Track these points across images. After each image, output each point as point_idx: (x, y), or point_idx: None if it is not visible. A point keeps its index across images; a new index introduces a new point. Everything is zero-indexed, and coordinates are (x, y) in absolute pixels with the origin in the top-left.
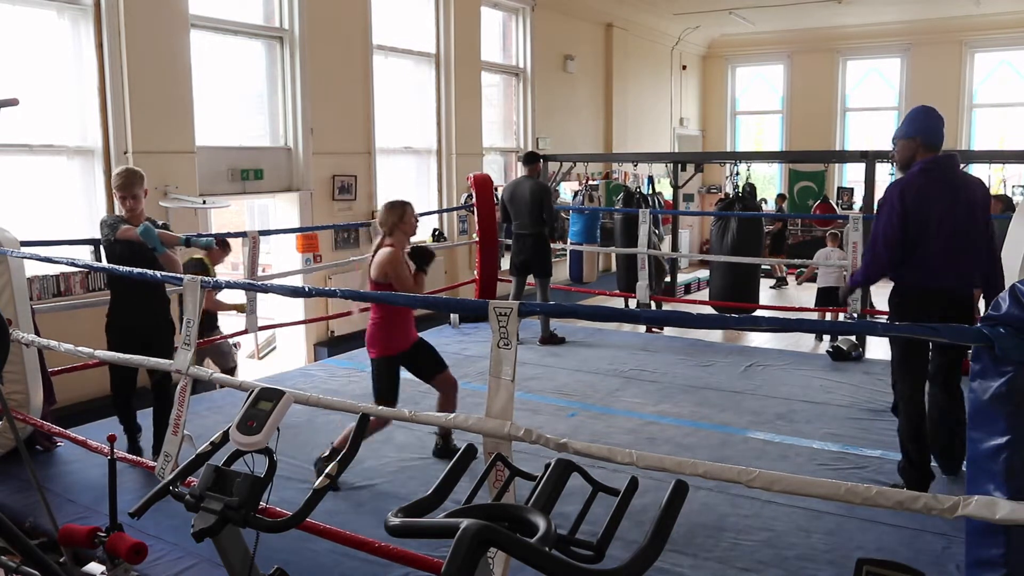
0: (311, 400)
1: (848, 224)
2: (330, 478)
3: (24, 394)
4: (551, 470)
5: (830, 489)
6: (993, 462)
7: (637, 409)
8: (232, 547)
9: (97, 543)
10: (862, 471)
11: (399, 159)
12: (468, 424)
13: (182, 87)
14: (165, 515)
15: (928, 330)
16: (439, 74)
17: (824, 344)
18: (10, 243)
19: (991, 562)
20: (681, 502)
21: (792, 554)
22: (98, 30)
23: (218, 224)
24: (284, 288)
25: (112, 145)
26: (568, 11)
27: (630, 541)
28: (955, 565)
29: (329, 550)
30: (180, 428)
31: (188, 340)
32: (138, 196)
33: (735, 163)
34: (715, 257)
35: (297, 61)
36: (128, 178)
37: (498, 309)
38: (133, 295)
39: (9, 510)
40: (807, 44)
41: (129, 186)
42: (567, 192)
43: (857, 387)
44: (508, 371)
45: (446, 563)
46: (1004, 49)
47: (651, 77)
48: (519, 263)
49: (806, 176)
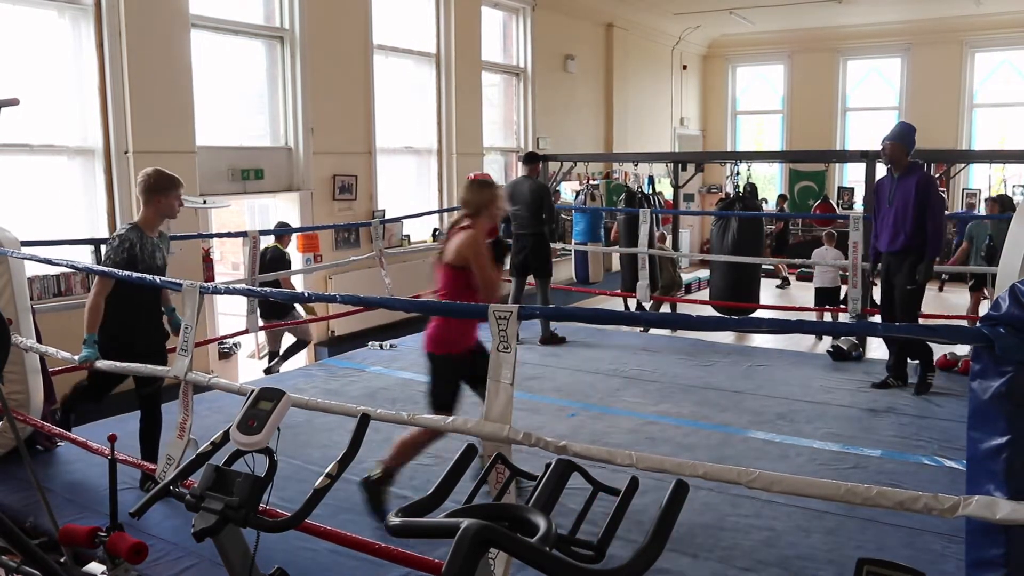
0: (309, 404)
1: (849, 224)
2: (331, 478)
3: (24, 394)
4: (551, 470)
5: (830, 489)
6: (993, 462)
7: (637, 409)
8: (232, 547)
9: (98, 543)
10: (862, 471)
11: (399, 159)
12: (467, 427)
13: (182, 87)
14: (165, 515)
15: (926, 330)
16: (439, 74)
17: (824, 344)
18: (10, 243)
19: (991, 562)
20: (681, 502)
21: (792, 554)
22: (98, 30)
23: (219, 224)
24: (283, 294)
25: (112, 145)
26: (568, 11)
27: (630, 541)
28: (955, 565)
29: (329, 550)
30: (186, 432)
31: (185, 346)
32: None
33: (735, 163)
34: (715, 257)
35: (297, 61)
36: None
37: (498, 313)
38: (135, 313)
39: (9, 510)
40: (807, 44)
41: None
42: (568, 192)
43: (857, 387)
44: (507, 374)
45: (446, 563)
46: (1004, 49)
47: (651, 77)
48: (519, 263)
49: (806, 176)
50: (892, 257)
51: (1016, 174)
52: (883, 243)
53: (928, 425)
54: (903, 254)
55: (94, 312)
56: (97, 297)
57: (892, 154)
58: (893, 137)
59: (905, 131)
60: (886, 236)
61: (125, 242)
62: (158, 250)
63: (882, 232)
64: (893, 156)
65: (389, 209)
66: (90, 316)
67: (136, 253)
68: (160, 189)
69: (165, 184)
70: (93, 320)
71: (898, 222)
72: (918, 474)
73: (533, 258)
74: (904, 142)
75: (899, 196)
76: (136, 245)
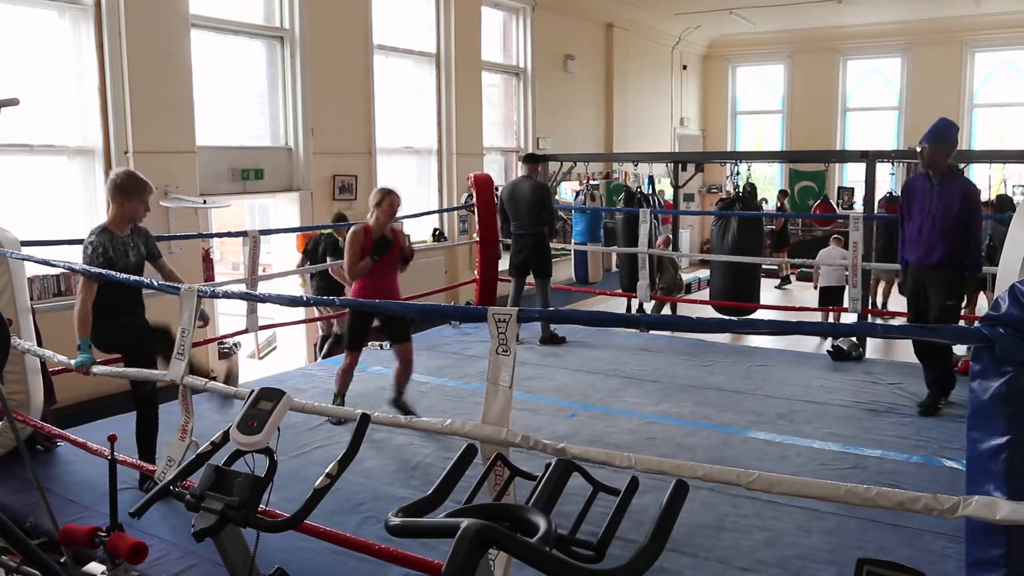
0: (307, 408)
1: (849, 224)
2: (331, 478)
3: (24, 394)
4: (551, 470)
5: (830, 490)
6: (993, 462)
7: (637, 409)
8: (232, 547)
9: (97, 543)
10: (862, 471)
11: (399, 159)
12: (465, 430)
13: (182, 87)
14: (165, 515)
15: (927, 330)
16: (439, 74)
17: (825, 344)
18: (10, 243)
19: (991, 562)
20: (681, 502)
21: (792, 554)
22: (98, 30)
23: (219, 224)
24: (282, 298)
25: (112, 145)
26: (568, 11)
27: (630, 541)
28: (955, 565)
29: (329, 550)
30: (188, 434)
31: (182, 350)
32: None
33: (735, 163)
34: (716, 257)
35: (297, 61)
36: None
37: (497, 315)
38: (112, 313)
39: (9, 510)
40: (807, 44)
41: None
42: (567, 192)
43: (857, 387)
44: (506, 377)
45: (446, 563)
46: (1004, 49)
47: (651, 77)
48: (519, 263)
49: (806, 176)
50: (926, 271)
51: (1016, 174)
52: (915, 254)
53: (928, 425)
54: (939, 268)
55: (83, 318)
56: (84, 304)
57: (931, 158)
58: (930, 139)
59: (942, 131)
60: (920, 248)
61: (99, 248)
62: (131, 248)
63: (915, 242)
64: (932, 160)
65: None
66: (80, 323)
67: (111, 256)
68: (126, 191)
69: (132, 188)
70: (83, 326)
71: (935, 233)
72: (918, 474)
73: (533, 258)
74: (942, 143)
75: (938, 204)
76: (109, 248)
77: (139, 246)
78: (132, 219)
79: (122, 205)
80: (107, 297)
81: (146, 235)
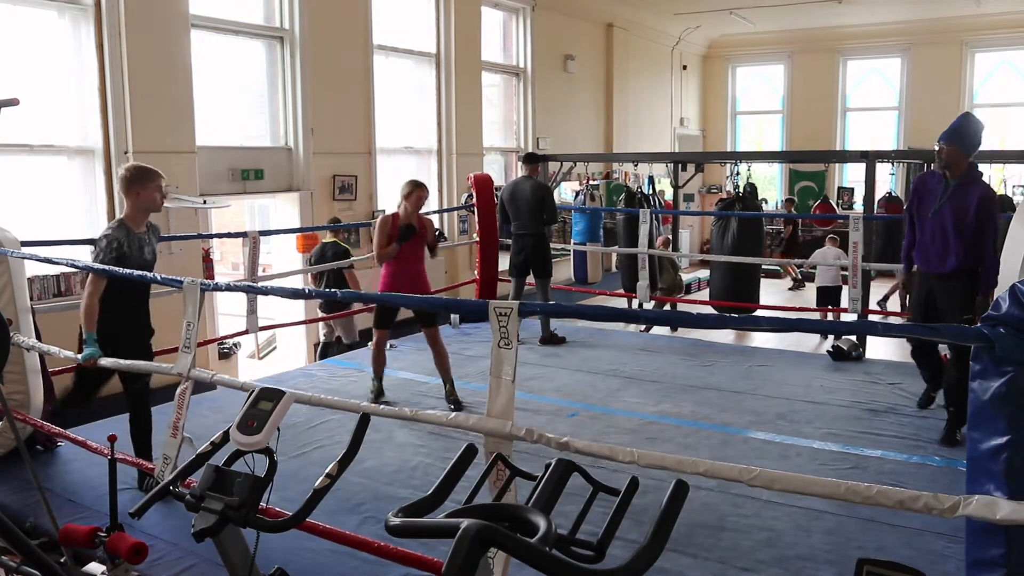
0: (312, 400)
1: (848, 224)
2: (331, 478)
3: (24, 394)
4: (551, 470)
5: (830, 488)
6: (993, 462)
7: (638, 409)
8: (232, 547)
9: (97, 543)
10: (862, 471)
11: (399, 159)
12: (469, 424)
13: (182, 87)
14: (165, 515)
15: (928, 330)
16: (439, 74)
17: (825, 344)
18: (10, 243)
19: (991, 562)
20: (681, 502)
21: (792, 554)
22: (98, 30)
23: (219, 224)
24: (284, 290)
25: (112, 145)
26: (568, 11)
27: (630, 541)
28: (955, 565)
29: (329, 550)
30: (179, 431)
31: (188, 344)
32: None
33: (735, 163)
34: (715, 257)
35: (297, 61)
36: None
37: (498, 309)
38: (120, 311)
39: (9, 510)
40: (807, 44)
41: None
42: (567, 192)
43: (857, 387)
44: (509, 371)
45: (446, 563)
46: (1005, 49)
47: (651, 77)
48: (519, 263)
49: (806, 176)
50: (937, 280)
51: (1016, 174)
52: (926, 261)
53: (928, 425)
54: (952, 278)
55: (89, 313)
56: (91, 298)
57: (949, 159)
58: (947, 139)
59: (962, 129)
60: (933, 254)
61: (113, 242)
62: (146, 245)
63: (926, 247)
64: (950, 162)
65: (389, 209)
66: (86, 317)
67: (125, 251)
68: (140, 180)
69: (145, 176)
70: (90, 320)
71: (950, 239)
72: (918, 474)
73: (533, 258)
74: (961, 144)
75: (952, 208)
76: (124, 244)
77: (153, 244)
78: (150, 208)
79: (138, 195)
80: (114, 293)
81: (158, 234)
